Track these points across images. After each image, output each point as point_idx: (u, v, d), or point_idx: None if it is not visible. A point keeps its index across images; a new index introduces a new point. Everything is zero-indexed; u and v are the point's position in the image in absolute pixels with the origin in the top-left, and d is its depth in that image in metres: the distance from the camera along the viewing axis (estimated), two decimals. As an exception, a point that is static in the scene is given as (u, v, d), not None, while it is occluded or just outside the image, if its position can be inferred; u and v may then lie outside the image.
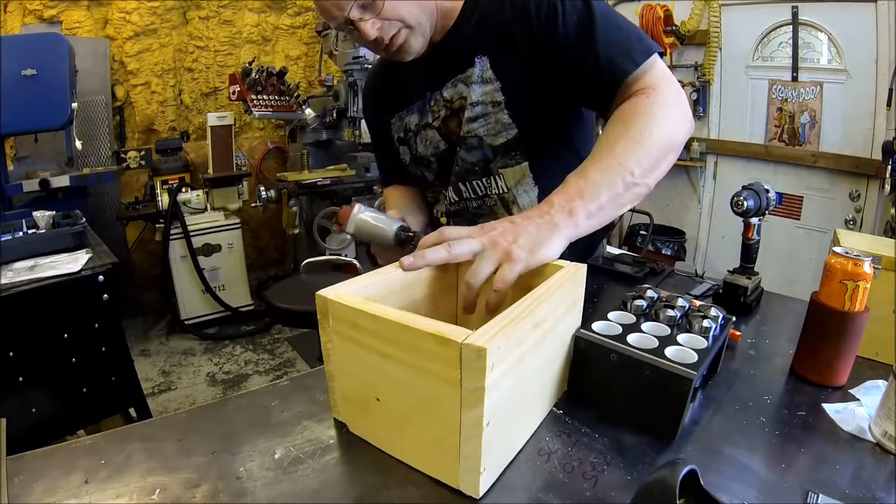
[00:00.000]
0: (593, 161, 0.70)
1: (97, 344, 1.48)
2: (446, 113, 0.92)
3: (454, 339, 0.45)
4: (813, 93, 2.59)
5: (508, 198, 0.95)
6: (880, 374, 0.71)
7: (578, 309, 0.67)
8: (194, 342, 2.98)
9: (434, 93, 0.93)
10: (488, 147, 0.91)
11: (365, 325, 0.53)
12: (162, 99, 3.34)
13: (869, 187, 2.48)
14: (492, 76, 0.86)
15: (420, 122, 0.97)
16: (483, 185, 0.95)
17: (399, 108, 1.00)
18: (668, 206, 3.27)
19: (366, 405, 0.58)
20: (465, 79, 0.88)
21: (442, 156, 0.96)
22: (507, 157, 0.91)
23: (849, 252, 0.65)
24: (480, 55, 0.86)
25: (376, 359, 0.53)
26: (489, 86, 0.86)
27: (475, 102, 0.87)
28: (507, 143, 0.89)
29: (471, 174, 0.95)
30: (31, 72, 2.21)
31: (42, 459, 0.57)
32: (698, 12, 2.82)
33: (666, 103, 0.73)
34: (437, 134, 0.95)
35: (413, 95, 0.97)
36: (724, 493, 0.50)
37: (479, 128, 0.89)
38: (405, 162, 1.04)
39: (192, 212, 2.94)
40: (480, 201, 0.98)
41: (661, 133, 0.71)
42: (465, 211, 1.01)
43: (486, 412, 0.46)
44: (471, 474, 0.50)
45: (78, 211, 1.78)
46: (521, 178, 0.92)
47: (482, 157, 0.92)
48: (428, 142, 0.97)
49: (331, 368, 0.61)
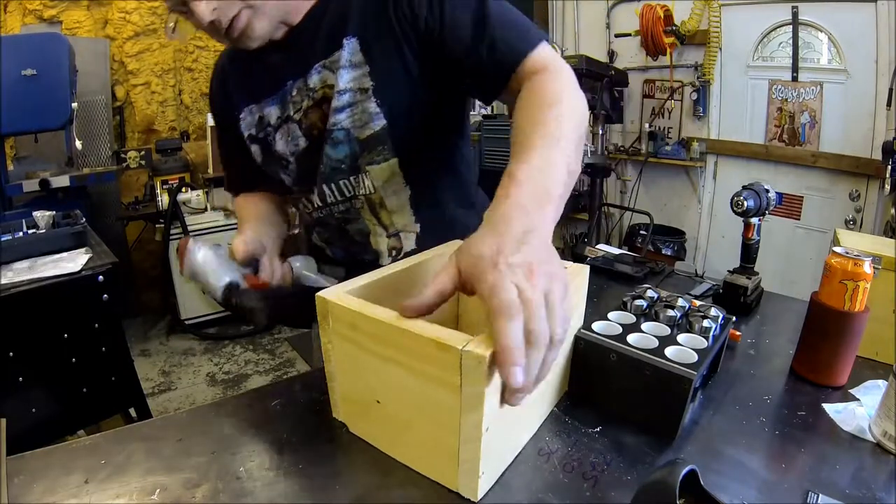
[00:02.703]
0: (535, 150, 0.58)
1: (97, 344, 1.47)
2: (308, 104, 0.81)
3: (454, 345, 0.45)
4: (813, 93, 2.58)
5: (375, 199, 0.85)
6: (880, 374, 0.71)
7: (580, 311, 0.67)
8: (194, 342, 2.98)
9: (296, 80, 0.81)
10: (355, 140, 0.80)
11: (365, 328, 0.53)
12: (162, 99, 3.34)
13: (869, 187, 2.48)
14: (361, 60, 0.76)
15: (281, 114, 0.84)
16: (351, 184, 0.85)
17: (251, 101, 0.87)
18: (668, 206, 3.26)
19: (366, 407, 0.58)
20: (331, 64, 0.77)
21: (301, 155, 0.85)
22: (373, 151, 0.81)
23: (849, 252, 0.65)
24: (350, 36, 0.76)
25: (376, 361, 0.53)
26: (357, 70, 0.76)
27: (342, 90, 0.77)
28: (373, 136, 0.79)
29: (338, 173, 0.84)
30: (31, 72, 2.21)
31: (42, 459, 0.57)
32: (698, 12, 2.82)
33: (569, 82, 0.69)
34: (298, 129, 0.83)
35: (269, 86, 0.84)
36: (724, 493, 0.50)
37: (345, 119, 0.78)
38: (258, 163, 0.91)
39: (192, 212, 2.94)
40: (348, 203, 0.87)
41: (579, 113, 0.65)
42: (329, 217, 0.90)
43: (486, 417, 0.46)
44: (469, 478, 0.50)
45: (78, 211, 1.77)
46: (389, 177, 0.83)
47: (350, 153, 0.81)
48: (289, 138, 0.85)
49: (331, 369, 0.61)
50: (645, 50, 2.94)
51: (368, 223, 0.88)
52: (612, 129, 3.40)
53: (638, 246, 2.92)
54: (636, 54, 3.16)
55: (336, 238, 0.93)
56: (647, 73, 3.21)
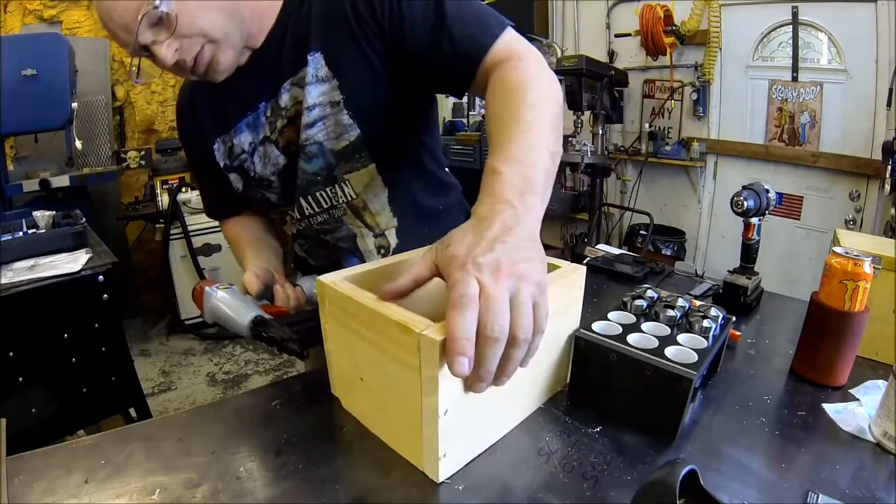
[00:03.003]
0: (512, 140, 0.57)
1: (97, 344, 1.47)
2: (283, 123, 0.81)
3: (414, 328, 0.48)
4: (813, 93, 2.58)
5: (358, 204, 0.87)
6: (880, 374, 0.71)
7: (575, 310, 0.67)
8: (194, 342, 2.98)
9: (268, 102, 0.81)
10: (330, 152, 0.81)
11: (351, 310, 0.57)
12: (162, 99, 3.34)
13: (869, 187, 2.48)
14: (328, 74, 0.76)
15: (255, 138, 0.85)
16: (328, 195, 0.86)
17: (221, 132, 0.87)
18: (668, 206, 3.26)
19: (353, 384, 0.62)
20: (299, 81, 0.78)
21: (282, 172, 0.86)
22: (351, 160, 0.82)
23: (849, 252, 0.65)
24: (313, 52, 0.76)
25: (359, 342, 0.58)
26: (325, 84, 0.77)
27: (311, 106, 0.77)
28: (349, 146, 0.80)
29: (314, 186, 0.85)
30: (31, 72, 2.21)
31: (42, 459, 0.57)
32: (698, 12, 2.82)
33: (538, 65, 0.68)
34: (275, 148, 0.84)
35: (239, 112, 0.84)
36: (724, 493, 0.50)
37: (317, 133, 0.79)
38: (238, 190, 0.91)
39: (192, 212, 2.94)
40: (326, 214, 0.88)
41: (553, 94, 0.65)
42: (308, 229, 0.91)
43: (442, 401, 0.48)
44: (431, 458, 0.53)
45: (78, 211, 1.77)
46: (369, 182, 0.85)
47: (325, 165, 0.82)
48: (267, 159, 0.85)
49: (329, 347, 0.66)
50: (645, 50, 2.94)
51: (353, 227, 0.90)
52: (612, 129, 3.40)
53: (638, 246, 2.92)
54: (636, 54, 3.16)
55: (316, 248, 0.95)
56: (647, 73, 3.21)
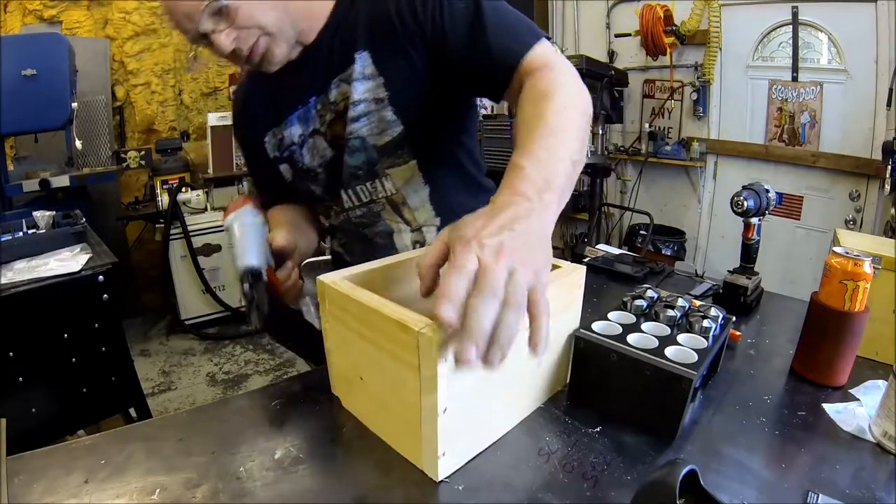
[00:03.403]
0: (537, 141, 0.59)
1: (97, 344, 1.47)
2: (332, 117, 0.85)
3: (413, 327, 0.48)
4: (813, 93, 2.58)
5: (398, 199, 0.90)
6: (880, 374, 0.71)
7: (575, 310, 0.67)
8: (194, 342, 2.98)
9: (319, 97, 0.85)
10: (372, 147, 0.85)
11: (351, 309, 0.58)
12: (162, 99, 3.34)
13: (869, 187, 2.48)
14: (374, 72, 0.80)
15: (305, 130, 0.89)
16: (368, 189, 0.89)
17: (273, 124, 0.91)
18: (668, 206, 3.26)
19: (353, 383, 0.62)
20: (346, 78, 0.82)
21: (329, 164, 0.89)
22: (393, 156, 0.85)
23: (849, 252, 0.65)
24: (360, 51, 0.80)
25: (359, 341, 0.58)
26: (371, 82, 0.81)
27: (357, 101, 0.82)
28: (392, 142, 0.84)
29: (355, 179, 0.88)
30: (31, 72, 2.21)
31: (42, 459, 0.57)
32: (698, 12, 2.82)
33: (569, 76, 0.71)
34: (323, 140, 0.88)
35: (290, 105, 0.88)
36: (724, 493, 0.50)
37: (361, 128, 0.83)
38: (288, 180, 0.95)
39: (192, 212, 2.94)
40: (365, 208, 0.91)
41: (580, 104, 0.67)
42: (347, 223, 0.95)
43: (442, 399, 0.48)
44: (430, 457, 0.53)
45: (78, 211, 1.77)
46: (410, 178, 0.88)
47: (366, 160, 0.86)
48: (315, 150, 0.89)
49: (329, 346, 0.66)
50: (645, 50, 2.94)
51: (391, 223, 0.92)
52: (612, 129, 3.40)
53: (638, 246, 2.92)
54: (636, 54, 3.16)
55: (353, 243, 0.98)
56: (647, 73, 3.21)
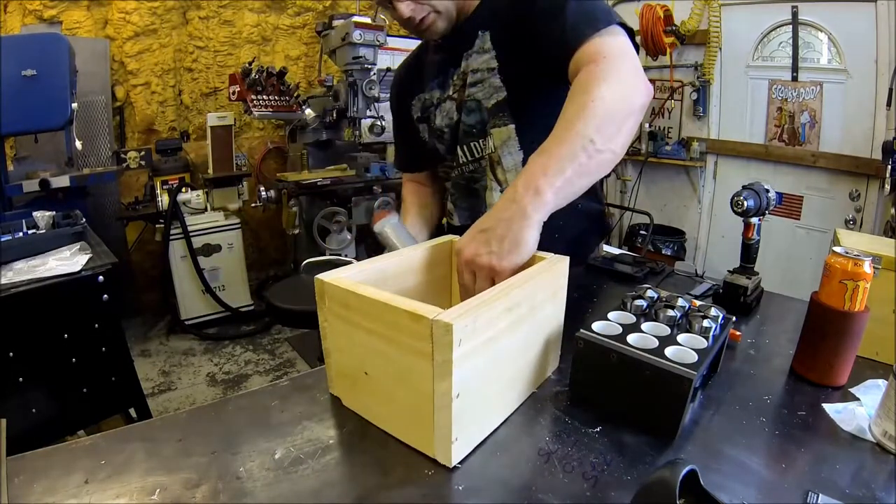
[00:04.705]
0: (552, 136, 0.72)
1: (97, 344, 1.47)
2: (460, 84, 1.03)
3: (426, 315, 0.50)
4: (813, 93, 2.59)
5: (495, 157, 1.03)
6: (880, 374, 0.71)
7: (561, 296, 0.70)
8: (194, 342, 2.98)
9: (455, 69, 1.04)
10: (484, 109, 1.00)
11: (354, 305, 0.59)
12: (162, 99, 3.34)
13: (869, 187, 2.48)
14: (490, 47, 0.98)
15: (441, 95, 1.08)
16: (479, 146, 1.04)
17: (420, 90, 1.11)
18: (668, 206, 3.27)
19: (356, 380, 0.63)
20: (471, 52, 1.00)
21: (452, 125, 1.07)
22: (496, 117, 1.00)
23: (849, 252, 0.65)
24: (483, 30, 0.98)
25: (364, 335, 0.59)
26: (487, 55, 0.98)
27: (475, 69, 1.00)
28: (497, 104, 0.99)
29: (469, 136, 1.04)
30: (31, 72, 2.20)
31: (42, 459, 0.57)
32: (698, 12, 2.82)
33: (616, 68, 0.74)
34: (453, 105, 1.06)
35: (433, 75, 1.08)
36: (724, 493, 0.50)
37: (477, 92, 1.00)
38: (425, 140, 1.14)
39: (192, 212, 2.94)
40: (476, 164, 1.06)
41: (613, 97, 0.72)
42: (460, 177, 1.10)
43: (455, 384, 0.51)
44: (443, 443, 0.54)
45: (78, 211, 1.77)
46: (507, 139, 1.01)
47: (479, 119, 1.02)
48: (445, 113, 1.07)
49: (327, 346, 0.66)
50: (645, 50, 2.94)
51: (487, 179, 1.06)
52: (612, 129, 3.39)
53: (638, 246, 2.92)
54: (636, 54, 3.16)
55: (461, 198, 1.12)
56: (648, 72, 3.18)
